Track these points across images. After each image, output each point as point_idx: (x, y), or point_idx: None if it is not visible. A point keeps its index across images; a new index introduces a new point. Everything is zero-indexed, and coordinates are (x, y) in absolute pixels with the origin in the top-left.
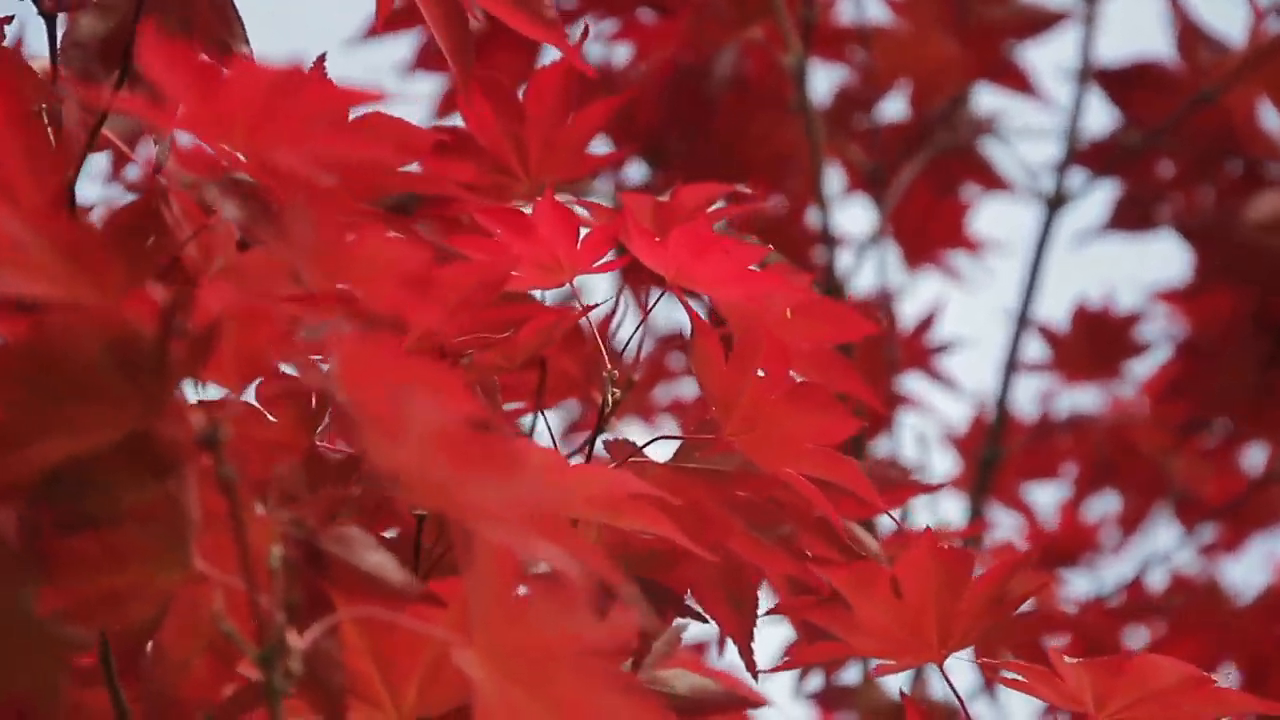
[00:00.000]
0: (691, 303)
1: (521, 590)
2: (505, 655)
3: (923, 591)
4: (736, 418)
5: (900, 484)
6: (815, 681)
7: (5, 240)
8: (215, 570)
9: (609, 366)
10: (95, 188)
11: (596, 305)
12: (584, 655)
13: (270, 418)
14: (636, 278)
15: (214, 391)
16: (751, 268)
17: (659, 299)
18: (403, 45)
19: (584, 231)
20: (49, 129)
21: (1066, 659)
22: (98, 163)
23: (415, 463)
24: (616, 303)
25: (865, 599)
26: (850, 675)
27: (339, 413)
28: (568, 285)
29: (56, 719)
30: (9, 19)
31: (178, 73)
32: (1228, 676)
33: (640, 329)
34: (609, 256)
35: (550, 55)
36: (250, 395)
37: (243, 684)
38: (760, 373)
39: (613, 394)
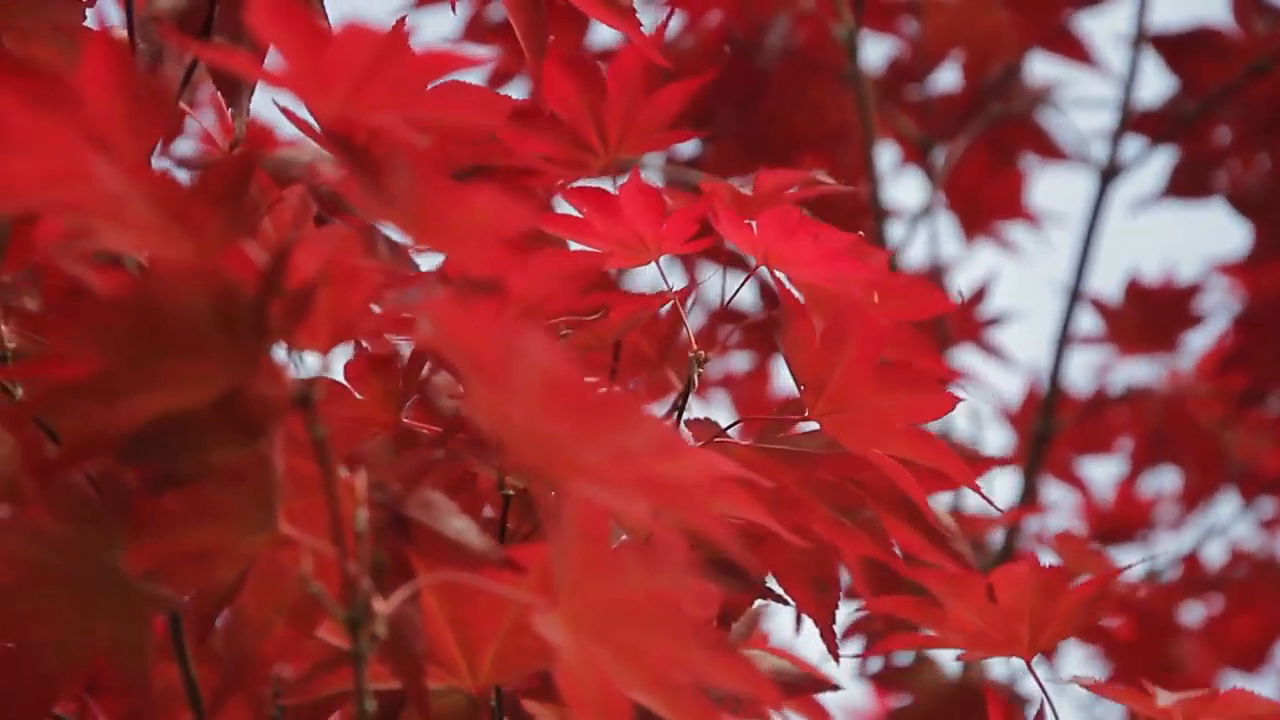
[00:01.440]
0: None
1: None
2: (591, 617)
3: (1019, 599)
4: (825, 398)
5: (972, 460)
6: (873, 662)
7: (106, 195)
8: (301, 533)
9: (694, 348)
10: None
11: (684, 290)
12: (674, 614)
13: (357, 395)
14: (705, 257)
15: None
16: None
17: (743, 284)
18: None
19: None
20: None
21: (1160, 693)
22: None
23: (521, 415)
24: (692, 282)
25: (960, 602)
26: (906, 656)
27: (425, 392)
28: (653, 264)
29: (143, 675)
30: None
31: (287, 29)
32: None
33: (718, 307)
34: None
35: (600, 29)
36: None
37: (322, 652)
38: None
39: (698, 373)
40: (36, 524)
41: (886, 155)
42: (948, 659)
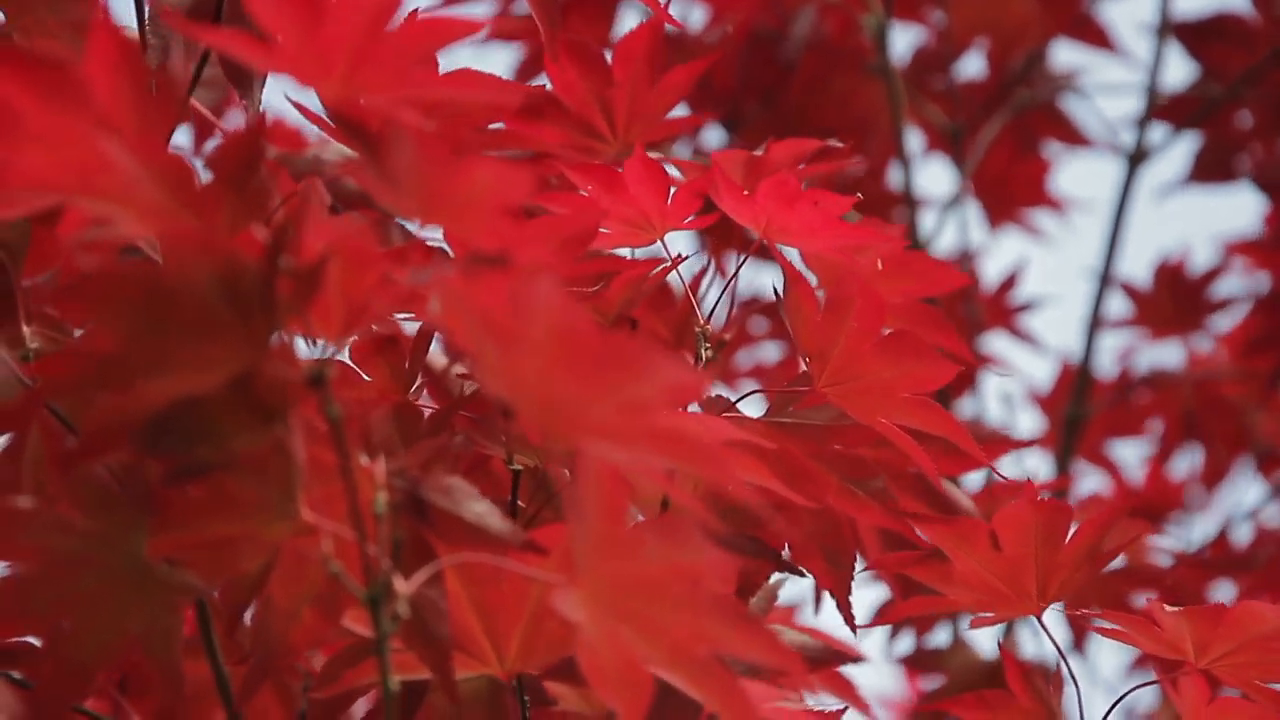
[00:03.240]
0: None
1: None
2: (610, 593)
3: (1022, 544)
4: (830, 369)
5: (994, 440)
6: (905, 643)
7: (119, 181)
8: (322, 519)
9: (701, 323)
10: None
11: (686, 257)
12: (694, 586)
13: (365, 377)
14: (721, 240)
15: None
16: (842, 218)
17: (744, 260)
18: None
19: (673, 189)
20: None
21: (1166, 608)
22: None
23: (533, 373)
24: (706, 264)
25: (964, 553)
26: (940, 638)
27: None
28: (658, 244)
29: (173, 664)
30: None
31: (282, 7)
32: None
33: (727, 290)
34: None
35: (627, 24)
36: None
37: (349, 643)
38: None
39: (706, 351)
40: (62, 516)
41: (913, 143)
42: (980, 639)
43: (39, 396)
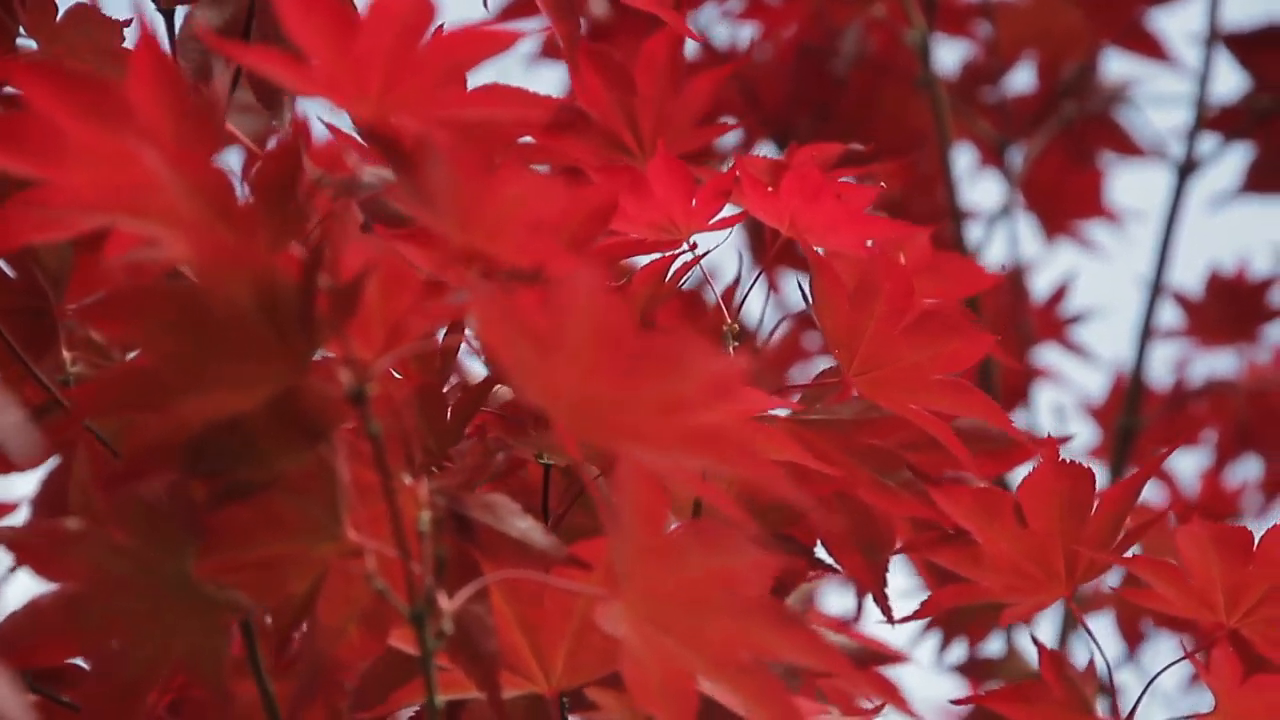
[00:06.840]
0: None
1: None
2: (652, 602)
3: (1047, 516)
4: (859, 358)
5: (1031, 441)
6: (958, 653)
7: (163, 194)
8: (367, 539)
9: (729, 322)
10: None
11: (708, 252)
12: (736, 591)
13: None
14: (765, 253)
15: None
16: (866, 211)
17: (771, 257)
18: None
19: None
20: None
21: (1195, 528)
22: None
23: (570, 378)
24: (740, 273)
25: (990, 530)
26: (994, 646)
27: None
28: (684, 245)
29: (220, 683)
30: (129, 21)
31: (313, 20)
32: None
33: (766, 298)
34: (724, 214)
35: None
36: None
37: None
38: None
39: (734, 349)
40: (109, 536)
41: (963, 157)
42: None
43: (78, 416)
